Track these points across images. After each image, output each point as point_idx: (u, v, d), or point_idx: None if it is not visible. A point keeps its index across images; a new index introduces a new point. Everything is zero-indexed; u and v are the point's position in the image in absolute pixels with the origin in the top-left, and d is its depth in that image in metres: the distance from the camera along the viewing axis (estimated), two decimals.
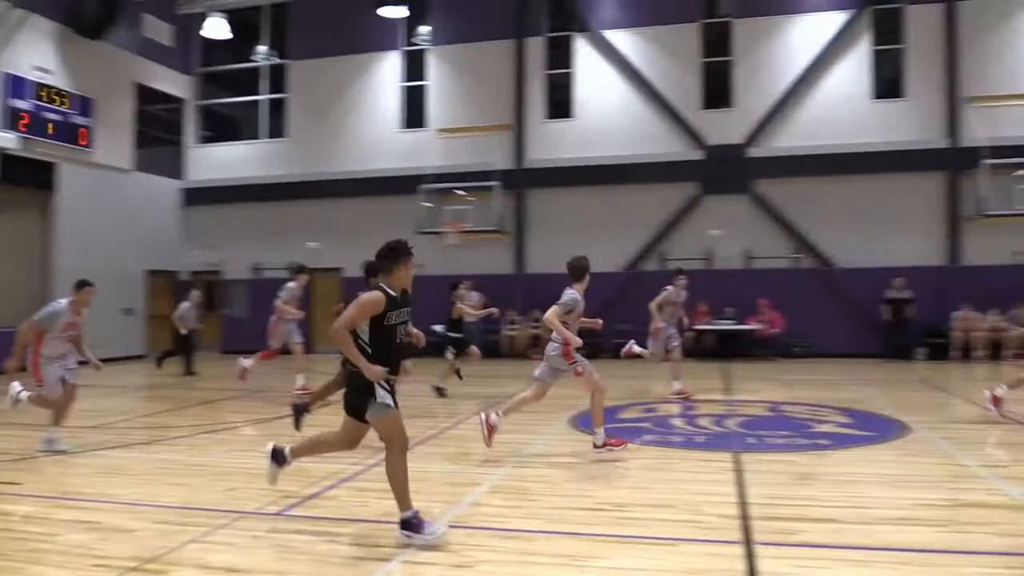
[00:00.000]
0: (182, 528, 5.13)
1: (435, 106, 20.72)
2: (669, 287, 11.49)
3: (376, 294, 4.89)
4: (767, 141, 18.53)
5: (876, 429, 8.65)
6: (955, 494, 5.89)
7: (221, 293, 21.67)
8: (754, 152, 18.54)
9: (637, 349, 11.45)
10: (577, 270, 7.41)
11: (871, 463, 7.08)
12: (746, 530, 4.99)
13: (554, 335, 7.35)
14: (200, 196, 21.87)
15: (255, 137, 22.28)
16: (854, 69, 18.23)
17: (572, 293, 7.37)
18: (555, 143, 19.72)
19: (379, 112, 21.06)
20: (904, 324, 16.82)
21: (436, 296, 12.91)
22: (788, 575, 4.26)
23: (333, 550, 4.75)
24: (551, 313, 7.22)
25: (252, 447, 7.87)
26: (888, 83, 18.35)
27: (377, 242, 5.06)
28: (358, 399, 4.92)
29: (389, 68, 21.07)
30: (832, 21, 18.21)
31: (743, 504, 5.59)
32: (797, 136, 18.28)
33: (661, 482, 6.40)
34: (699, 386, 12.16)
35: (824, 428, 8.79)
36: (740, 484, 6.19)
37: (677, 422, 9.38)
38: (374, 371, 4.76)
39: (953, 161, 17.48)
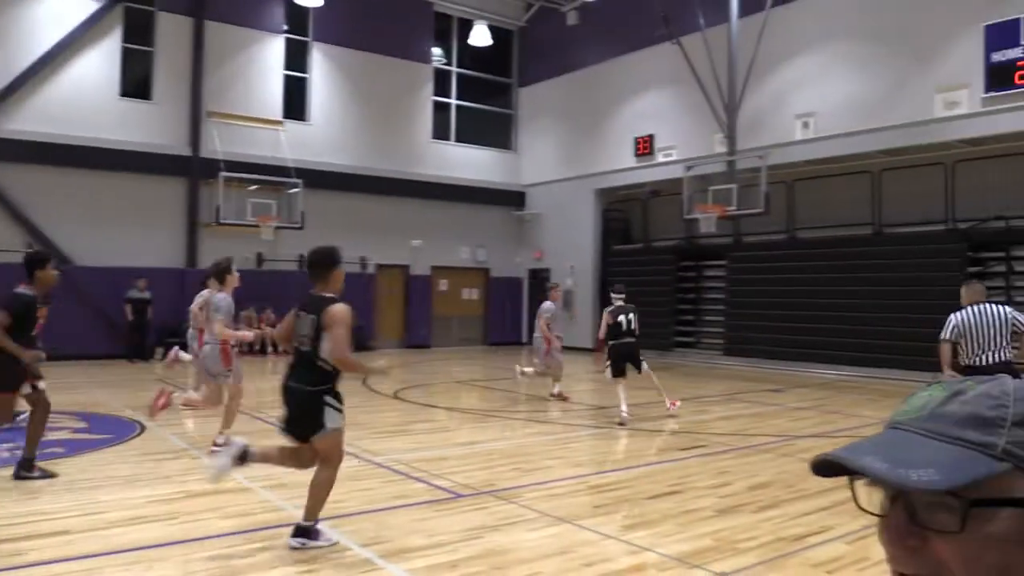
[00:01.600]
0: None
1: None
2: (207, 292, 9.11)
3: (346, 305, 4.75)
4: (1, 123, 16.63)
5: (112, 431, 8.54)
6: (186, 486, 6.21)
7: None
8: None
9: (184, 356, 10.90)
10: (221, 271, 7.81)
11: (105, 466, 6.96)
12: None
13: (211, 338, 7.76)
14: None
15: None
16: (103, 62, 17.71)
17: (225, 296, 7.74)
18: None
19: None
20: (144, 325, 17.01)
21: None
22: None
23: None
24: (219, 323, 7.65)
25: None
26: (138, 83, 18.36)
27: None
28: (309, 422, 4.67)
29: None
30: (83, 7, 17.36)
31: None
32: (37, 121, 16.83)
33: None
34: None
35: (58, 435, 8.26)
36: None
37: None
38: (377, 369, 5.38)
39: (195, 169, 18.44)
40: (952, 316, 7.01)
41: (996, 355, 6.77)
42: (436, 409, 10.94)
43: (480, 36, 21.81)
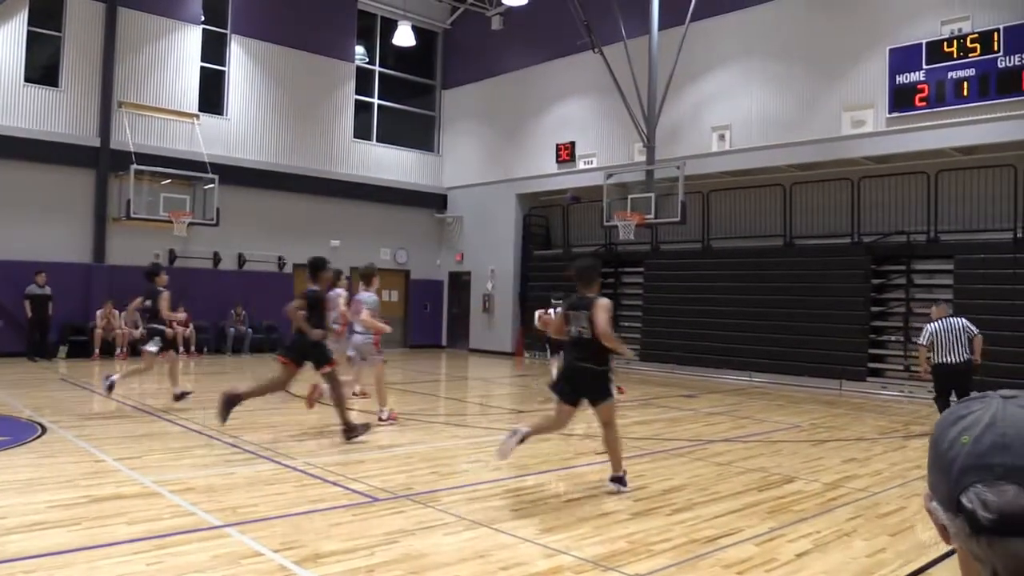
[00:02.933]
0: None
1: None
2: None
3: (607, 299, 6.29)
4: None
5: (10, 433, 8.15)
6: (91, 490, 5.98)
7: None
8: None
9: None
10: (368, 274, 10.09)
11: (3, 470, 6.63)
12: None
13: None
14: None
15: None
16: (7, 46, 16.90)
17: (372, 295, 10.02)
18: None
19: None
20: (45, 321, 16.28)
21: None
22: None
23: None
24: (366, 314, 9.74)
25: None
26: (45, 69, 17.58)
27: None
28: (591, 390, 6.25)
29: None
30: None
31: None
32: None
33: None
34: None
35: None
36: None
37: None
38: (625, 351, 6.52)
39: (104, 161, 17.76)
40: (927, 327, 9.61)
41: (959, 355, 9.26)
42: (353, 412, 10.78)
43: (404, 36, 21.66)
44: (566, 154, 20.42)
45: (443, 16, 24.02)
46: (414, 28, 22.03)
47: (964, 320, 9.47)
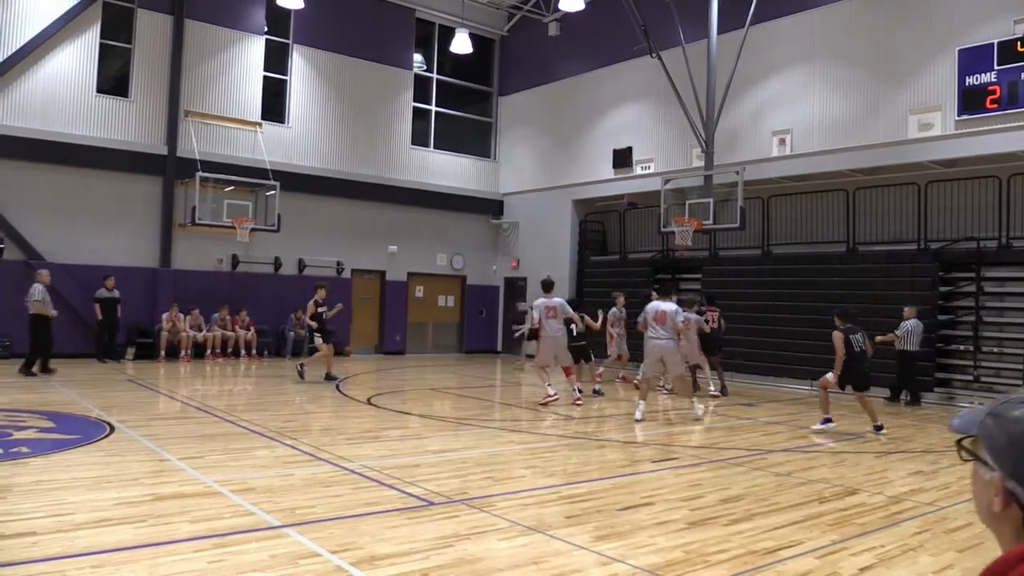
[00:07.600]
0: None
1: None
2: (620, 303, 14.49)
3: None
4: None
5: (80, 431, 8.42)
6: (155, 488, 6.14)
7: None
8: None
9: None
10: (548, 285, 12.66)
11: (73, 467, 6.85)
12: None
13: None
14: None
15: None
16: (81, 58, 17.50)
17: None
18: None
19: None
20: (114, 324, 16.78)
21: None
22: None
23: None
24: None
25: None
26: (115, 80, 18.17)
27: None
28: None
29: None
30: (61, 2, 17.13)
31: None
32: (11, 116, 16.57)
33: None
34: None
35: (23, 435, 8.16)
36: None
37: None
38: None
39: (171, 168, 18.26)
40: (907, 323, 13.49)
41: (918, 347, 13.58)
42: (409, 416, 10.90)
43: (461, 44, 21.81)
44: (623, 159, 20.30)
45: (500, 23, 24.14)
46: (471, 35, 22.17)
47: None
